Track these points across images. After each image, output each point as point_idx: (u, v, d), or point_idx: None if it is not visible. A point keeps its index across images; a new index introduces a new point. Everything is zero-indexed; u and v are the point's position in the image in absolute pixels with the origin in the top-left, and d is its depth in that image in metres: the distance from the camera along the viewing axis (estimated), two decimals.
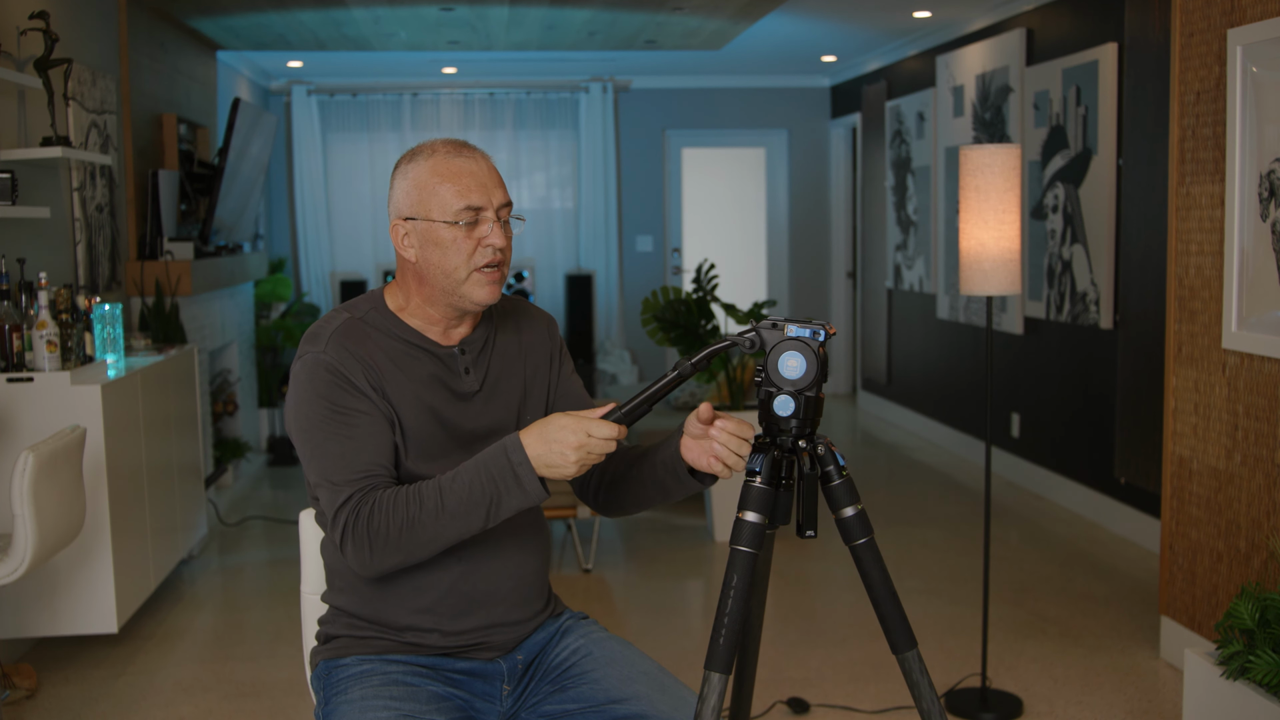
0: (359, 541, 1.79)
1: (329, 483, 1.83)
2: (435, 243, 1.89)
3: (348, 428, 1.85)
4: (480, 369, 1.99)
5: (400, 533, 1.78)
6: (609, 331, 9.44)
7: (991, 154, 3.47)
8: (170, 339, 5.27)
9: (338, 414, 1.85)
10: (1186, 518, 3.74)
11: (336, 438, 1.84)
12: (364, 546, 1.79)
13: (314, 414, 1.85)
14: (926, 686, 1.80)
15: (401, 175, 1.93)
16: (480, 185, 1.90)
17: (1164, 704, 3.53)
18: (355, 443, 1.84)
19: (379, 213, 9.23)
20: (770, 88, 9.64)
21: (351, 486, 1.82)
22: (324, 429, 1.85)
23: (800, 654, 3.97)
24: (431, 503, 1.78)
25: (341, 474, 1.83)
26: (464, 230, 1.89)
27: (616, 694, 1.97)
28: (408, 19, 6.45)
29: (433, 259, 1.90)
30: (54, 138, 4.12)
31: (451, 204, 1.88)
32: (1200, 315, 3.63)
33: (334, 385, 1.86)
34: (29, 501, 3.05)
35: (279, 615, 4.46)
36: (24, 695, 3.64)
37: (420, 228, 1.90)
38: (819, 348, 1.75)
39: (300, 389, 1.88)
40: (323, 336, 1.90)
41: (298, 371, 1.90)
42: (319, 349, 1.88)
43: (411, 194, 1.91)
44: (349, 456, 1.83)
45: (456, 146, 1.93)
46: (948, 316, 7.25)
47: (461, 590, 1.95)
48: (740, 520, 1.76)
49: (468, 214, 1.88)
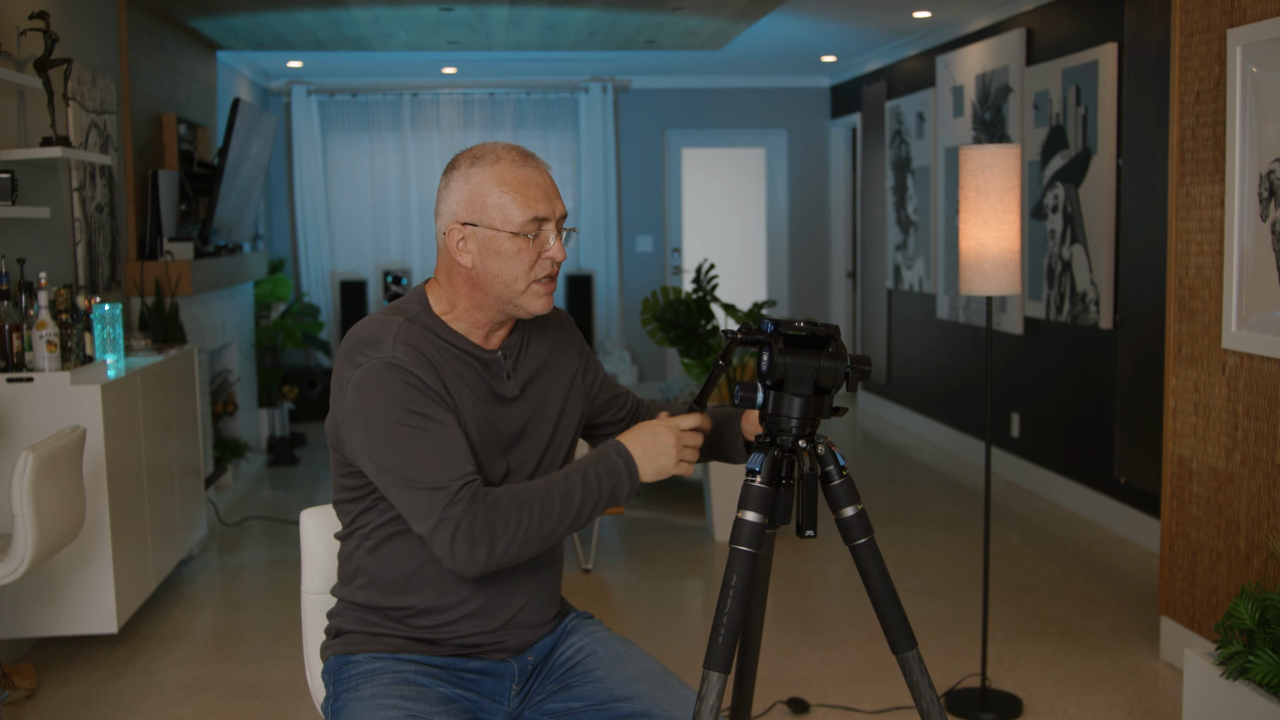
0: (477, 541, 1.76)
1: (426, 487, 1.78)
2: (496, 252, 1.86)
3: (436, 428, 1.81)
4: (520, 374, 1.98)
5: (522, 532, 1.78)
6: (609, 331, 9.44)
7: (991, 154, 3.47)
8: (170, 339, 5.27)
9: (421, 417, 1.81)
10: (1186, 518, 3.74)
11: (425, 440, 1.79)
12: (483, 545, 1.77)
13: (395, 419, 1.80)
14: (926, 686, 1.80)
15: (462, 178, 1.87)
16: (545, 196, 1.87)
17: (1164, 704, 3.53)
18: (446, 443, 1.80)
19: (379, 213, 9.23)
20: (770, 88, 9.65)
21: (457, 484, 1.78)
22: (410, 433, 1.79)
23: (800, 654, 3.97)
24: (556, 505, 1.80)
25: (440, 476, 1.78)
26: (527, 242, 1.85)
27: (620, 693, 1.98)
28: (408, 19, 6.45)
29: (492, 268, 1.86)
30: (54, 138, 4.12)
31: (516, 215, 1.84)
32: (1200, 315, 3.63)
33: (410, 389, 1.81)
34: (29, 501, 3.05)
35: (279, 615, 4.46)
36: (24, 695, 3.64)
37: (481, 235, 1.86)
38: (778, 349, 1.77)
39: (372, 395, 1.81)
40: (385, 341, 1.85)
41: (363, 379, 1.82)
42: (385, 354, 1.83)
43: (474, 199, 1.86)
44: (444, 457, 1.79)
45: (522, 155, 1.88)
46: (948, 316, 7.25)
47: (486, 592, 1.95)
48: (740, 520, 1.76)
49: (533, 225, 1.85)
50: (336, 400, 1.88)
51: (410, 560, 1.93)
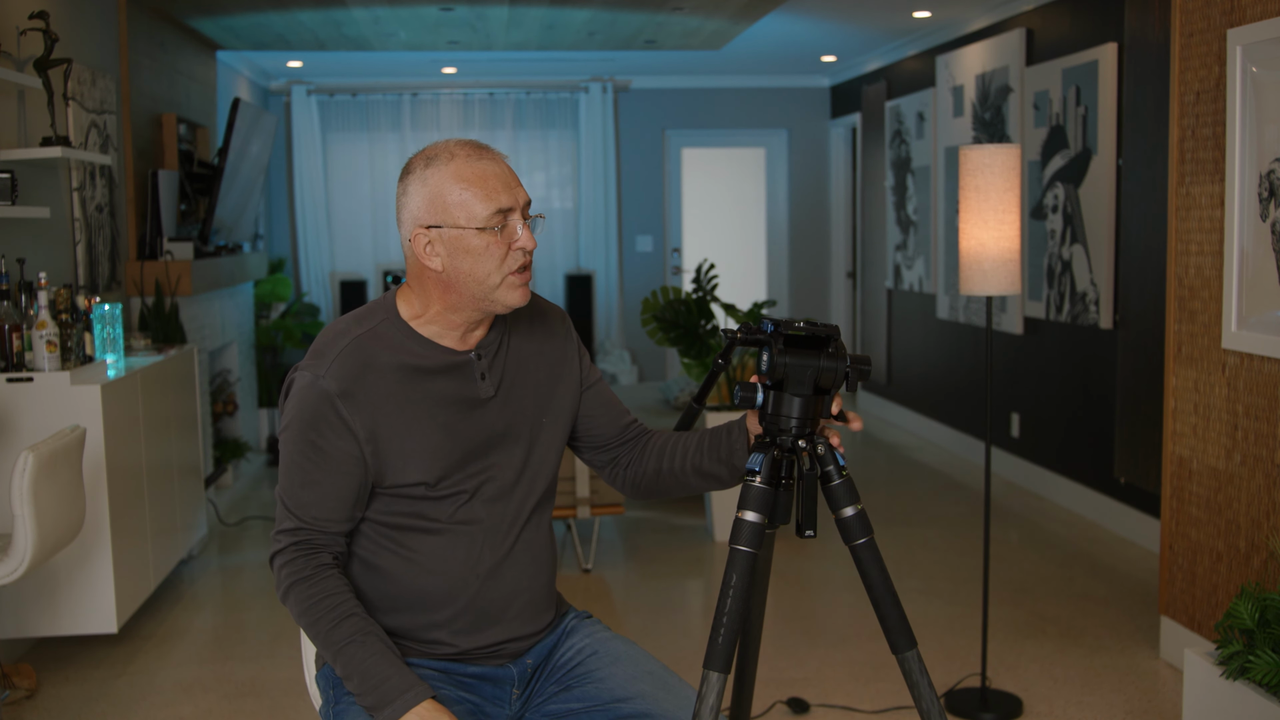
0: (278, 583, 1.89)
1: (284, 505, 1.89)
2: (465, 250, 1.82)
3: (319, 467, 1.84)
4: (495, 373, 1.94)
5: (300, 616, 1.87)
6: (609, 331, 9.44)
7: (991, 154, 3.47)
8: (170, 339, 5.27)
9: (315, 449, 1.84)
10: (1186, 518, 3.74)
11: (304, 469, 1.85)
12: (279, 590, 1.90)
13: (295, 438, 1.86)
14: (926, 686, 1.80)
15: (419, 181, 1.85)
16: (506, 186, 1.84)
17: (1164, 704, 3.53)
18: (319, 488, 1.85)
19: (379, 213, 9.23)
20: (770, 88, 9.65)
21: (296, 527, 1.87)
22: (299, 455, 1.86)
23: (800, 654, 3.97)
24: (322, 631, 1.83)
25: (295, 508, 1.87)
26: (495, 235, 1.82)
27: (621, 693, 1.97)
28: (407, 19, 6.45)
29: (463, 267, 1.83)
30: (54, 138, 4.12)
31: (480, 210, 1.81)
32: (1200, 315, 3.63)
33: (320, 417, 1.84)
34: (29, 501, 3.05)
35: (279, 615, 4.46)
36: (24, 695, 3.64)
37: (447, 235, 1.82)
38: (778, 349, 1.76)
39: (292, 406, 1.87)
40: (328, 357, 1.85)
41: (293, 386, 1.88)
42: (320, 371, 1.84)
43: (435, 201, 1.83)
44: (307, 497, 1.86)
45: (476, 149, 1.85)
46: (948, 316, 7.25)
47: (478, 607, 1.94)
48: (740, 520, 1.76)
49: (498, 218, 1.82)
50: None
51: (394, 582, 1.93)
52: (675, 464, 2.03)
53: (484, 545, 1.93)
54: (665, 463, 2.05)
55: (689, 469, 2.01)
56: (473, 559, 1.92)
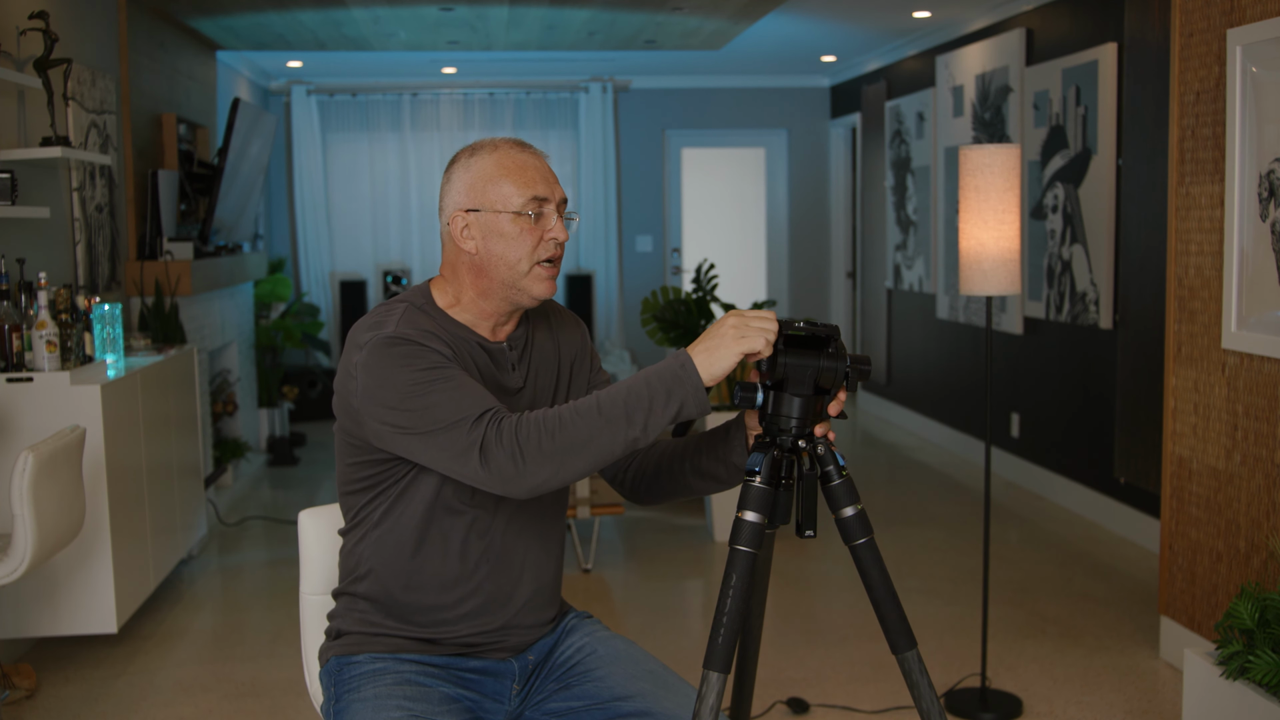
0: (506, 451, 1.71)
1: (450, 423, 1.75)
2: (499, 234, 1.90)
3: (449, 376, 1.79)
4: (524, 366, 2.01)
5: (552, 435, 1.71)
6: (609, 331, 9.45)
7: (991, 154, 3.47)
8: (170, 339, 5.27)
9: (431, 370, 1.80)
10: (1186, 518, 3.74)
11: (439, 389, 1.77)
12: (513, 456, 1.71)
13: (407, 381, 1.78)
14: (926, 686, 1.80)
15: (463, 168, 1.93)
16: (544, 179, 1.93)
17: (1164, 704, 3.53)
18: (462, 388, 1.78)
19: (379, 213, 9.24)
20: (770, 88, 9.65)
21: (482, 407, 1.76)
22: (423, 389, 1.77)
23: (800, 654, 3.97)
24: (595, 408, 1.72)
25: (465, 409, 1.75)
26: (529, 221, 1.90)
27: (621, 691, 1.98)
28: (407, 19, 6.45)
29: (495, 250, 1.90)
30: (54, 138, 4.12)
31: (516, 196, 1.89)
32: (1200, 315, 3.63)
33: (419, 351, 1.81)
34: (29, 501, 3.05)
35: (279, 615, 4.46)
36: (24, 695, 3.64)
37: (483, 219, 1.91)
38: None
39: (379, 370, 1.80)
40: (389, 321, 1.86)
41: (368, 359, 1.82)
42: (388, 330, 1.84)
43: (475, 186, 1.91)
44: (460, 397, 1.77)
45: (519, 144, 1.95)
46: (947, 316, 7.25)
47: (486, 590, 1.96)
48: (740, 520, 1.76)
49: (534, 205, 1.90)
50: (347, 387, 1.86)
51: (412, 554, 1.94)
52: (674, 465, 2.04)
53: (502, 530, 1.96)
54: (664, 464, 2.06)
55: (688, 469, 2.02)
56: (487, 543, 1.95)
